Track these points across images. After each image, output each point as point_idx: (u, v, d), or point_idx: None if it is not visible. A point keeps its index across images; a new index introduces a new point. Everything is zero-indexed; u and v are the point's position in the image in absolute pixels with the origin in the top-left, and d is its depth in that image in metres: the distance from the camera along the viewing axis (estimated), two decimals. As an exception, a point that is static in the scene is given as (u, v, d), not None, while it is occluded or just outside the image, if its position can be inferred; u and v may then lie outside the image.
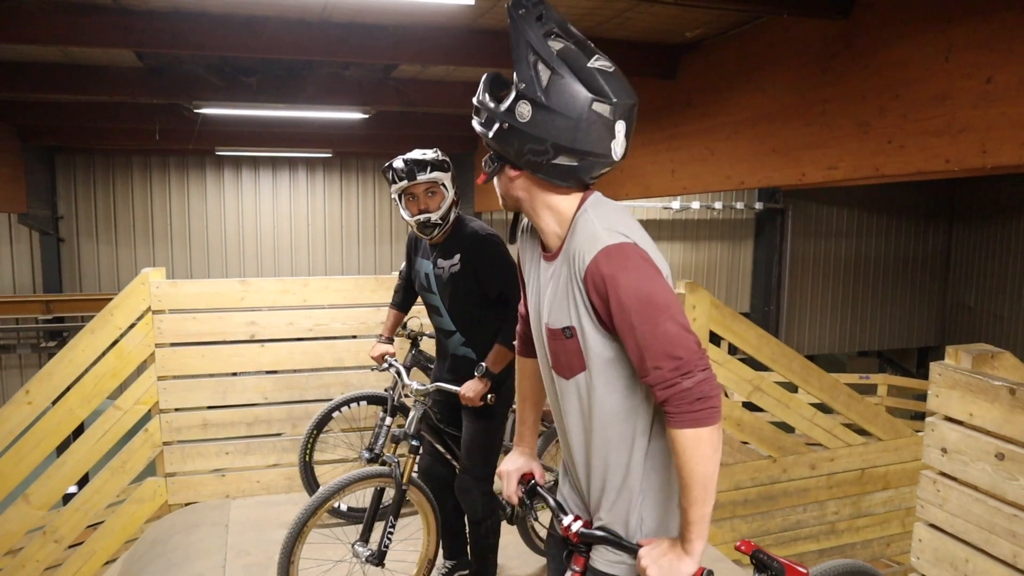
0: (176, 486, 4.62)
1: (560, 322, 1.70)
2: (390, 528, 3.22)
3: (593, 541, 1.81)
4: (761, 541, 5.06)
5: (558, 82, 1.58)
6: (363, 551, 3.24)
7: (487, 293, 3.15)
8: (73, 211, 13.33)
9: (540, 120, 1.59)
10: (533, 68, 1.59)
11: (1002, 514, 2.77)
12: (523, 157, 1.64)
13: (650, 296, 1.55)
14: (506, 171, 1.72)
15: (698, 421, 1.56)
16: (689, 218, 15.00)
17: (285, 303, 4.73)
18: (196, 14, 5.69)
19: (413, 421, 3.29)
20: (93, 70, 7.55)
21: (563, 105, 1.57)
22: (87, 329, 4.29)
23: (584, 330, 1.66)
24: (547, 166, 1.63)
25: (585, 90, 1.58)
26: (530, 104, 1.59)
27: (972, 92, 4.17)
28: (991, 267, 14.66)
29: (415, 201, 3.15)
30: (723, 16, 5.93)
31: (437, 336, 3.42)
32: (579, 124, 1.58)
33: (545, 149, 1.60)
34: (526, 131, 1.60)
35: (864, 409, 5.36)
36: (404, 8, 5.55)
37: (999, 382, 2.77)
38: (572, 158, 1.61)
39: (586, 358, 1.68)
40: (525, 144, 1.61)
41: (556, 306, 1.71)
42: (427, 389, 3.28)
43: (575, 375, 1.72)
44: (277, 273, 14.18)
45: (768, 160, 5.94)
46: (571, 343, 1.68)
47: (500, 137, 1.65)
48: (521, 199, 1.74)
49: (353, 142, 12.36)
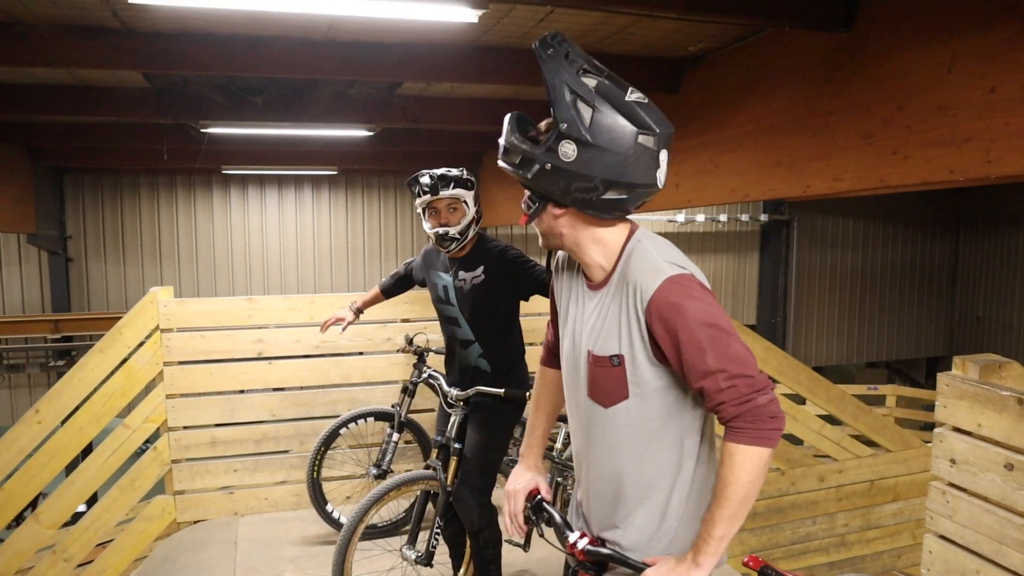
0: (185, 504, 4.62)
1: (608, 350, 1.71)
2: (436, 531, 3.33)
3: (600, 559, 1.81)
4: (771, 554, 5.03)
5: (601, 119, 1.60)
6: (411, 553, 3.36)
7: (519, 296, 3.30)
8: (81, 231, 13.41)
9: (587, 158, 1.60)
10: (574, 107, 1.60)
11: (1012, 524, 2.76)
12: (570, 196, 1.65)
13: (717, 321, 1.60)
14: (549, 210, 1.72)
15: (765, 440, 1.59)
16: (694, 231, 15.00)
17: (292, 320, 4.74)
18: (202, 35, 5.75)
19: (454, 426, 3.37)
20: (101, 91, 7.62)
21: (610, 141, 1.59)
22: (96, 348, 4.31)
23: (636, 358, 1.68)
24: (597, 202, 1.65)
25: (629, 124, 1.60)
26: (575, 144, 1.60)
27: (976, 103, 4.18)
28: (999, 277, 14.61)
29: (437, 215, 3.27)
30: (726, 30, 5.95)
31: (451, 347, 3.50)
32: (627, 158, 1.61)
33: (594, 186, 1.63)
34: (573, 170, 1.62)
35: (872, 420, 5.35)
36: (408, 26, 5.59)
37: (1007, 392, 2.77)
38: (621, 191, 1.64)
39: (631, 386, 1.70)
40: (572, 183, 1.63)
41: (604, 334, 1.72)
42: (467, 394, 3.34)
43: (616, 403, 1.73)
44: (284, 291, 14.23)
45: (772, 172, 5.95)
46: (617, 371, 1.70)
47: (543, 177, 1.65)
48: (565, 235, 1.75)
49: (358, 159, 12.42)
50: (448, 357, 3.54)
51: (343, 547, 3.22)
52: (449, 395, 3.39)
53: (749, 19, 5.03)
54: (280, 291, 14.18)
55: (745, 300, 15.31)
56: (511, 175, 1.72)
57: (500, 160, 1.73)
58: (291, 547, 4.31)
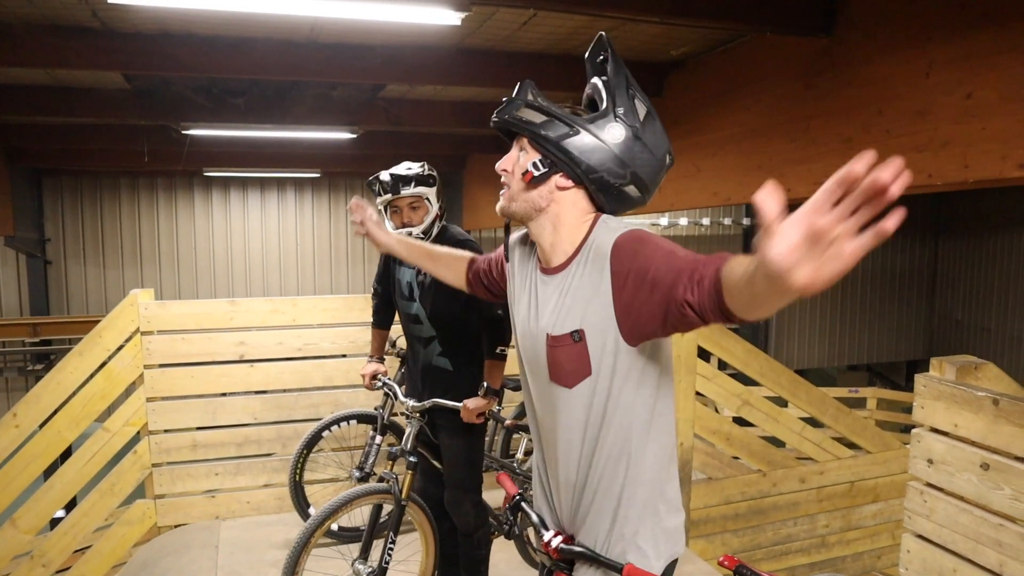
0: (165, 508, 4.59)
1: (568, 327, 1.69)
2: (390, 544, 3.22)
3: (574, 558, 1.79)
4: (752, 555, 5.06)
5: (652, 123, 1.69)
6: (363, 568, 3.24)
7: (461, 296, 3.18)
8: (61, 233, 13.29)
9: (631, 148, 1.66)
10: (632, 100, 1.67)
11: (988, 524, 2.80)
12: (596, 174, 1.66)
13: (672, 248, 1.57)
14: (555, 179, 1.71)
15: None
16: (677, 234, 15.07)
17: (274, 323, 4.72)
18: (183, 35, 5.71)
19: (409, 438, 3.29)
20: (80, 92, 7.55)
21: (653, 144, 1.68)
22: (75, 351, 4.27)
23: (599, 330, 1.64)
24: (615, 190, 1.68)
25: (667, 139, 1.72)
26: (627, 130, 1.65)
27: (953, 108, 4.23)
28: (977, 280, 14.77)
29: (399, 214, 3.22)
30: (708, 35, 5.99)
31: (410, 349, 3.42)
32: (657, 165, 1.70)
33: (624, 174, 1.67)
34: (615, 152, 1.65)
35: (852, 422, 5.39)
36: (391, 28, 5.59)
37: (983, 393, 2.80)
38: (637, 190, 1.70)
39: (593, 361, 1.67)
40: (607, 163, 1.65)
41: (564, 312, 1.71)
42: (423, 406, 3.28)
43: (579, 381, 1.70)
44: (267, 293, 14.15)
45: (754, 176, 5.99)
46: (578, 347, 1.67)
47: (575, 145, 1.65)
48: (547, 210, 1.73)
49: (341, 162, 12.39)
50: (409, 361, 3.46)
51: (290, 567, 3.11)
52: (405, 406, 3.32)
53: (731, 24, 5.06)
54: (263, 294, 14.11)
55: (727, 303, 15.36)
56: (506, 131, 1.74)
57: (509, 115, 1.71)
58: (273, 551, 4.29)
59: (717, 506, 4.92)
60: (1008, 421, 2.71)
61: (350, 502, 3.19)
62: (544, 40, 6.13)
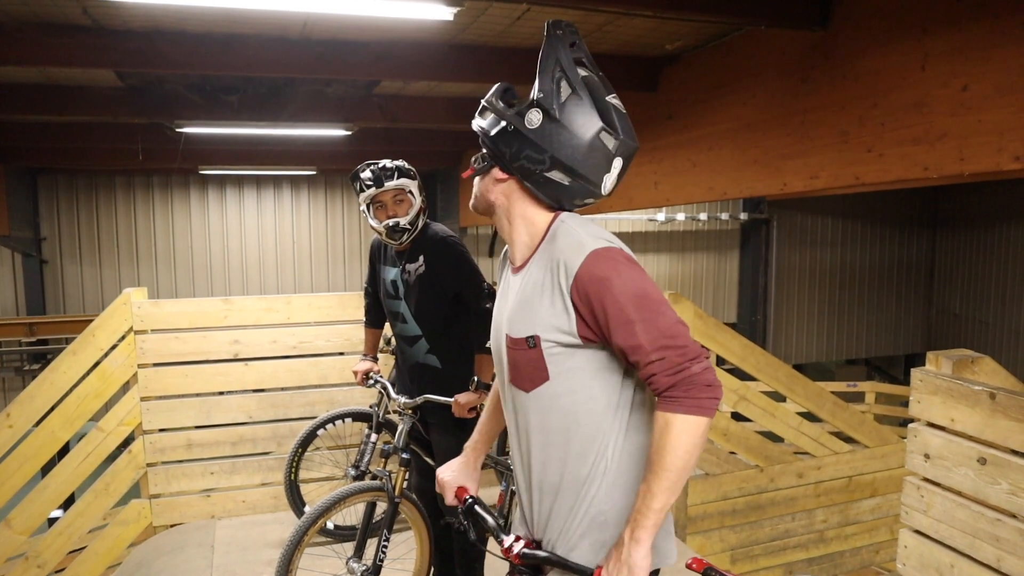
0: (161, 507, 4.57)
1: (524, 331, 1.68)
2: (384, 543, 3.21)
3: (537, 563, 1.75)
4: (750, 551, 5.05)
5: (576, 102, 1.65)
6: (358, 567, 3.23)
7: (448, 293, 3.20)
8: (56, 232, 13.24)
9: (547, 131, 1.64)
10: (556, 84, 1.65)
11: (985, 518, 2.78)
12: (517, 161, 1.67)
13: (647, 292, 1.57)
14: (493, 172, 1.74)
15: (702, 409, 1.54)
16: (675, 230, 15.05)
17: (269, 321, 4.70)
18: (175, 33, 5.68)
19: (402, 435, 3.28)
20: (73, 90, 7.51)
21: (573, 123, 1.64)
22: (69, 350, 4.25)
23: (556, 339, 1.64)
24: (538, 176, 1.67)
25: (598, 117, 1.65)
26: (542, 113, 1.65)
27: (949, 100, 4.21)
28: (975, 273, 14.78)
29: (383, 209, 3.20)
30: (702, 28, 5.96)
31: (399, 347, 3.42)
32: (582, 147, 1.64)
33: (543, 159, 1.65)
34: (529, 137, 1.65)
35: (850, 417, 5.38)
36: (384, 24, 5.56)
37: (979, 387, 2.79)
38: (565, 176, 1.66)
39: (551, 366, 1.66)
40: (524, 150, 1.66)
41: (520, 316, 1.70)
42: (415, 402, 3.27)
43: (536, 387, 1.69)
44: (263, 291, 14.12)
45: (750, 170, 5.97)
46: (533, 353, 1.66)
47: (501, 137, 1.69)
48: (497, 204, 1.76)
49: (337, 159, 12.34)
50: (398, 359, 3.46)
51: (284, 566, 3.08)
52: (397, 403, 3.31)
53: (726, 17, 5.04)
54: (260, 292, 14.08)
55: (725, 299, 15.38)
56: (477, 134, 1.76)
57: (474, 120, 1.76)
58: (269, 550, 4.27)
59: (714, 502, 4.90)
60: (1005, 415, 2.69)
61: (343, 500, 3.17)
62: (537, 35, 6.05)
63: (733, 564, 4.93)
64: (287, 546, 3.11)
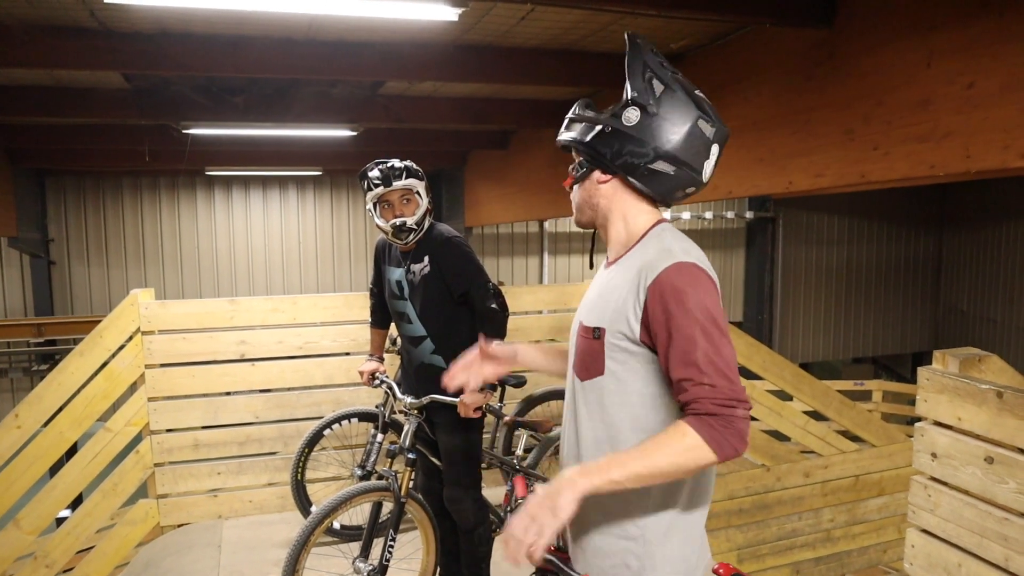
0: (168, 507, 4.59)
1: (594, 322, 1.74)
2: (390, 542, 3.23)
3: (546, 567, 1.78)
4: (757, 550, 5.05)
5: (671, 95, 1.70)
6: (364, 566, 3.24)
7: (454, 293, 3.20)
8: (64, 234, 13.30)
9: (647, 125, 1.69)
10: (648, 82, 1.71)
11: (993, 518, 2.77)
12: (620, 159, 1.72)
13: (715, 317, 1.60)
14: (594, 176, 1.79)
15: (722, 450, 1.55)
16: (680, 228, 14.97)
17: (275, 321, 4.71)
18: (182, 35, 5.70)
19: (408, 435, 3.29)
20: (81, 92, 7.54)
21: (672, 115, 1.70)
22: (76, 351, 4.27)
23: (618, 335, 1.68)
24: (643, 169, 1.72)
25: (695, 107, 1.71)
26: (639, 110, 1.70)
27: (954, 98, 4.20)
28: (982, 271, 14.71)
29: (390, 208, 3.20)
30: (707, 27, 5.96)
31: (404, 347, 3.42)
32: (683, 135, 1.69)
33: (646, 152, 1.70)
34: (631, 134, 1.70)
35: (856, 415, 5.37)
36: (389, 25, 5.57)
37: (986, 386, 2.78)
38: (670, 166, 1.71)
39: (608, 362, 1.70)
40: (627, 145, 1.71)
41: (596, 307, 1.76)
42: (421, 402, 3.27)
43: (590, 378, 1.74)
44: (269, 292, 14.16)
45: (755, 169, 5.97)
46: (596, 344, 1.72)
47: (599, 140, 1.73)
48: (600, 206, 1.81)
49: (342, 160, 12.37)
50: (403, 359, 3.46)
51: (290, 566, 3.10)
52: (403, 403, 3.32)
53: (730, 16, 5.03)
54: (265, 292, 14.11)
55: (731, 297, 15.34)
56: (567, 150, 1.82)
57: (560, 136, 1.81)
58: (276, 550, 4.28)
59: (721, 501, 4.90)
60: (1012, 414, 2.68)
61: (349, 500, 3.18)
62: (542, 35, 6.10)
63: (740, 564, 4.92)
64: (294, 546, 3.12)
